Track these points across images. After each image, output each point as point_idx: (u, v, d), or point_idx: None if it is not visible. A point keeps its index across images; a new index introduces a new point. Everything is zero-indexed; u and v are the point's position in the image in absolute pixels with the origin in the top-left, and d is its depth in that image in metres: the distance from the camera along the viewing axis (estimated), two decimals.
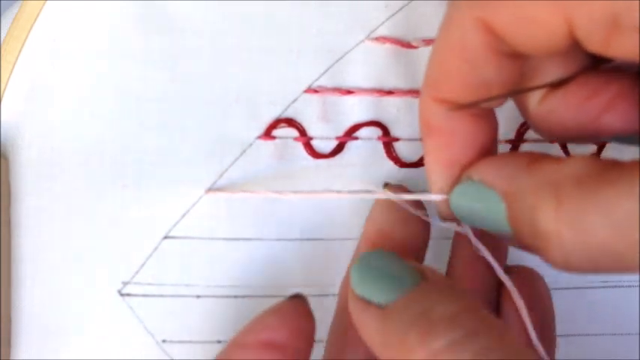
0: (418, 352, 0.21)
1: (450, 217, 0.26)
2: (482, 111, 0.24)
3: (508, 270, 0.28)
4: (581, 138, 0.24)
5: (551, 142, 0.32)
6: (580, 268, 0.21)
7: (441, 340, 0.21)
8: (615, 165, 0.21)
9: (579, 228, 0.20)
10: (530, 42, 0.22)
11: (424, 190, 0.31)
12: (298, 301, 0.26)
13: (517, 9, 0.21)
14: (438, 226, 0.27)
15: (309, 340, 0.25)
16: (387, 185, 0.30)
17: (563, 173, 0.21)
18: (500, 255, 0.28)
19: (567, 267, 0.21)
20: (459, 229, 0.26)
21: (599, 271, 0.21)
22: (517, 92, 0.24)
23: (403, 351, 0.22)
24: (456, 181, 0.25)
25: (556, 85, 0.24)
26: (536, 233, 0.21)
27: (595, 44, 0.21)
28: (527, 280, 0.28)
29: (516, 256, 0.28)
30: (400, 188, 0.29)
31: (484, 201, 0.23)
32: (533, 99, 0.24)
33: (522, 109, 0.25)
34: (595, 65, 0.24)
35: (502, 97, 0.24)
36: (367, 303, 0.23)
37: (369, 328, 0.23)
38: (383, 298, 0.23)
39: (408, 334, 0.22)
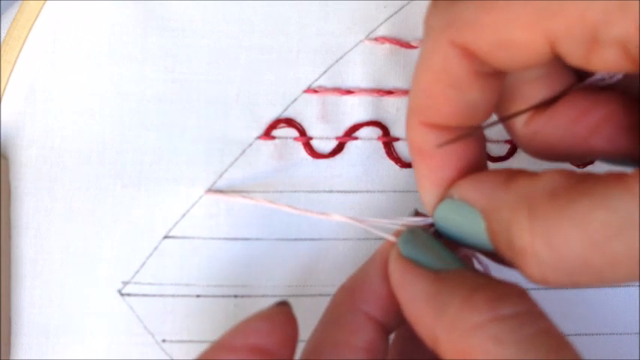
0: (484, 313, 0.21)
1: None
2: (467, 129, 0.24)
3: None
4: (569, 158, 0.24)
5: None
6: (558, 283, 0.21)
7: (509, 307, 0.21)
8: (589, 177, 0.20)
9: (554, 242, 0.20)
10: (511, 62, 0.22)
11: None
12: (286, 308, 0.26)
13: (496, 33, 0.21)
14: None
15: (294, 349, 0.25)
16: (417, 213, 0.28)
17: (537, 187, 0.21)
18: None
19: (545, 282, 0.21)
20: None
21: (577, 286, 0.21)
22: (505, 118, 0.24)
23: (463, 310, 0.21)
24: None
25: (541, 107, 0.24)
26: (513, 248, 0.21)
27: (577, 59, 0.21)
28: None
29: None
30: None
31: (465, 218, 0.23)
32: (520, 120, 0.24)
33: (509, 130, 0.25)
34: (578, 83, 0.24)
35: (490, 126, 0.24)
36: (416, 265, 0.23)
37: (417, 288, 0.23)
38: (439, 264, 0.23)
39: (473, 296, 0.21)
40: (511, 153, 0.32)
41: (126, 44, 0.31)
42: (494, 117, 0.25)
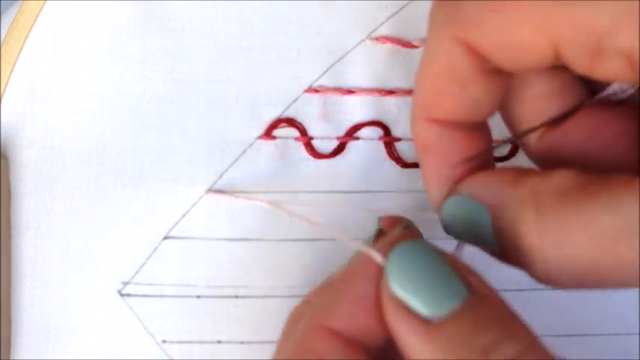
0: None
1: None
2: (475, 125, 0.24)
3: None
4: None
5: None
6: (563, 284, 0.21)
7: None
8: (598, 179, 0.20)
9: (561, 241, 0.20)
10: (514, 62, 0.22)
11: None
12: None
13: (501, 33, 0.21)
14: None
15: None
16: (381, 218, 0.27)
17: (546, 186, 0.21)
18: None
19: (550, 282, 0.21)
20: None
21: (582, 287, 0.21)
22: (518, 136, 0.24)
23: None
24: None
25: (554, 123, 0.24)
26: (519, 247, 0.21)
27: (581, 66, 0.21)
28: None
29: None
30: (397, 220, 0.26)
31: (472, 215, 0.23)
32: (533, 136, 0.24)
33: (524, 146, 0.25)
34: (590, 98, 0.24)
35: (503, 144, 0.25)
36: (408, 312, 0.21)
37: (410, 344, 0.21)
38: (429, 310, 0.21)
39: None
40: (513, 153, 0.32)
41: (126, 44, 0.30)
42: (506, 133, 0.26)
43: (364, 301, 0.22)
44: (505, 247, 0.22)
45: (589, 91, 0.24)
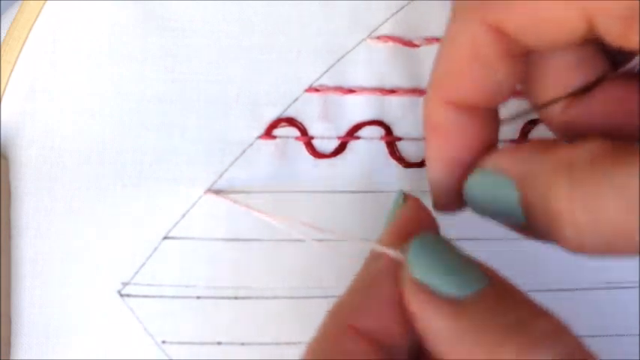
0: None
1: (444, 208, 0.25)
2: (486, 110, 0.24)
3: None
4: None
5: None
6: (594, 250, 0.21)
7: (545, 355, 0.20)
8: (628, 146, 0.21)
9: (593, 208, 0.20)
10: (545, 40, 0.22)
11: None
12: None
13: (532, 11, 0.21)
14: None
15: None
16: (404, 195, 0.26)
17: (576, 154, 0.21)
18: None
19: (581, 248, 0.21)
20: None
21: (613, 253, 0.21)
22: (541, 106, 0.24)
23: (490, 353, 0.20)
24: (459, 178, 0.25)
25: (577, 94, 0.24)
26: (549, 215, 0.21)
27: (614, 37, 0.21)
28: None
29: None
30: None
31: (497, 188, 0.23)
32: (556, 108, 0.24)
33: (545, 118, 0.25)
34: (613, 71, 0.24)
35: (526, 113, 0.24)
36: (433, 295, 0.21)
37: (437, 327, 0.21)
38: (456, 290, 0.21)
39: (502, 345, 0.20)
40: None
41: (126, 44, 0.30)
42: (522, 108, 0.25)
43: (390, 299, 0.22)
44: (533, 219, 0.22)
45: (612, 64, 0.24)
